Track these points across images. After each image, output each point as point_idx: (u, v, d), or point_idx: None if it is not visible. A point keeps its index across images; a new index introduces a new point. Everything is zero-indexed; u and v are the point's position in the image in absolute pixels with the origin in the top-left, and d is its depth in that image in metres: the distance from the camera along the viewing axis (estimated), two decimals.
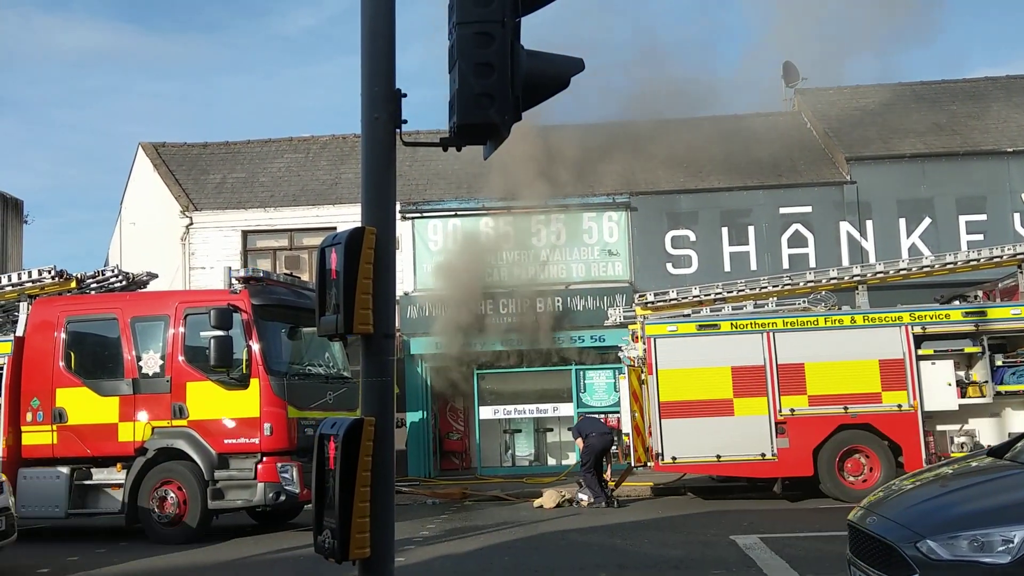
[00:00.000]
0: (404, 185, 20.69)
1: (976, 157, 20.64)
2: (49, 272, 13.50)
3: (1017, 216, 20.10)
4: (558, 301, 19.80)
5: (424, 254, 20.59)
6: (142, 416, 12.27)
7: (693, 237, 20.51)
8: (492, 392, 20.48)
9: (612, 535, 11.36)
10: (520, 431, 20.62)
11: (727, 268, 20.02)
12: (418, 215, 20.62)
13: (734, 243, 20.46)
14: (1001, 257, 15.05)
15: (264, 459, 11.92)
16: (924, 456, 13.57)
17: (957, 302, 15.49)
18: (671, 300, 15.44)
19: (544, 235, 20.36)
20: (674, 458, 13.96)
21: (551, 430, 20.48)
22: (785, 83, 25.39)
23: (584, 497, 14.51)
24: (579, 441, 15.10)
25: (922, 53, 35.36)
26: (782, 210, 20.48)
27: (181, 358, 12.33)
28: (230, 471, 11.98)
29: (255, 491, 11.88)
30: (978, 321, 14.08)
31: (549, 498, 14.52)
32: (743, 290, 15.47)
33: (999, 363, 14.10)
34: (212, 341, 11.67)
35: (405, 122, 4.63)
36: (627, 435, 15.68)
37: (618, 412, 18.71)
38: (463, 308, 19.47)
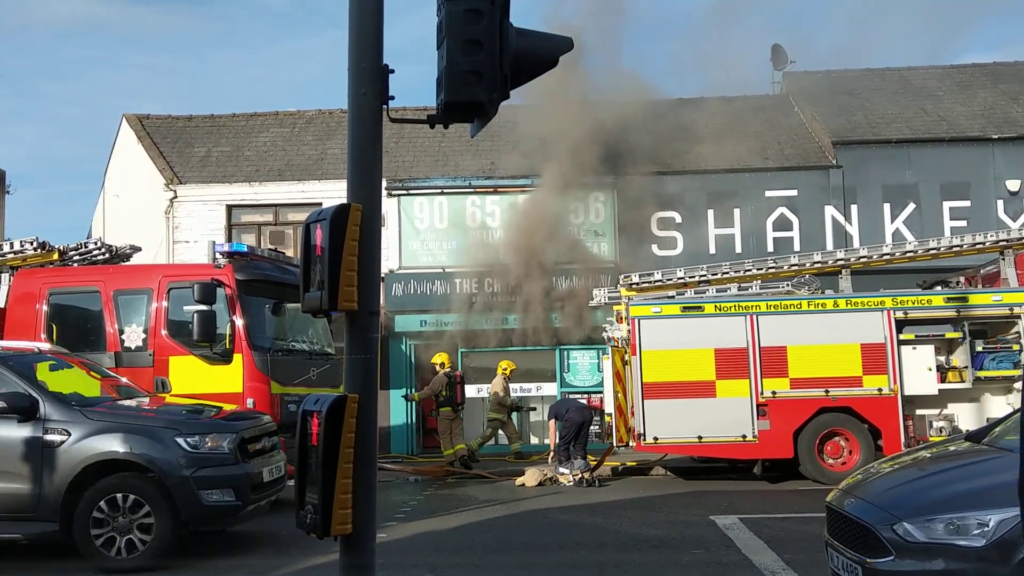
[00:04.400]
0: (390, 162, 20.59)
1: (961, 143, 20.70)
2: (31, 243, 13.41)
3: (1000, 203, 20.21)
4: (543, 281, 19.78)
5: (410, 231, 20.54)
6: None
7: (679, 219, 20.52)
8: (476, 370, 20.50)
9: (593, 514, 11.43)
10: None
11: (712, 250, 20.06)
12: (404, 192, 20.54)
13: (719, 225, 20.49)
14: (984, 244, 15.15)
15: None
16: (903, 440, 13.70)
17: (939, 288, 15.60)
18: (656, 281, 15.49)
19: (531, 215, 20.30)
20: (656, 438, 14.04)
21: (534, 409, 20.53)
22: (774, 66, 25.38)
23: (565, 471, 14.56)
24: (552, 423, 15.32)
25: (910, 38, 35.44)
26: (768, 193, 20.51)
27: (164, 332, 12.28)
28: None
29: None
30: (959, 307, 14.18)
31: (531, 476, 14.58)
32: (727, 272, 15.53)
33: (979, 349, 14.22)
34: (195, 315, 11.63)
35: (392, 98, 4.59)
36: (609, 415, 15.76)
37: (601, 392, 18.79)
38: (453, 284, 19.51)
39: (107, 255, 13.99)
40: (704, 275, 15.49)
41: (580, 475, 14.38)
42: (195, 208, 21.03)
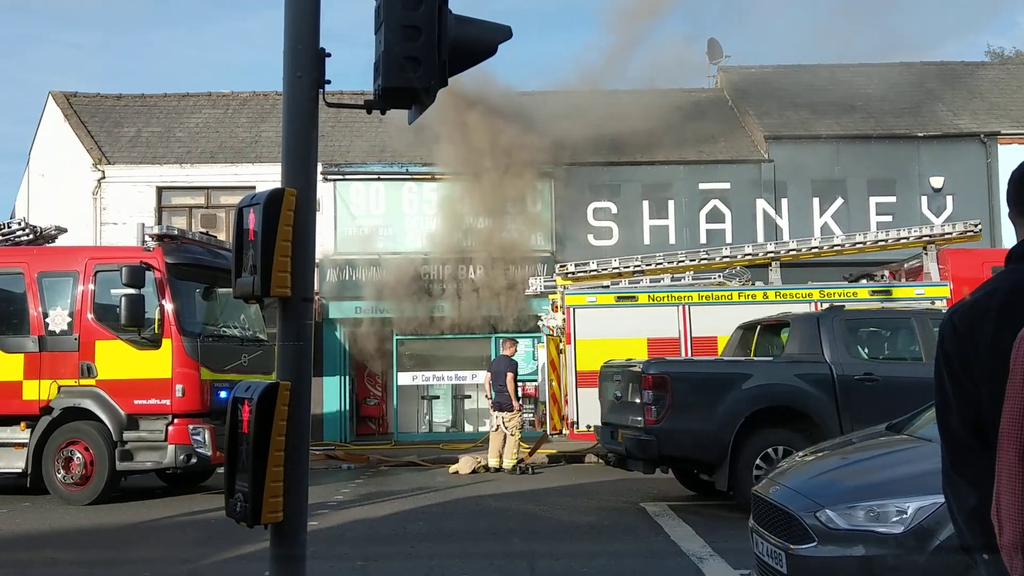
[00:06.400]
0: (326, 146, 20.36)
1: (888, 141, 21.24)
2: None
3: (924, 199, 20.78)
4: (479, 269, 19.80)
5: (345, 217, 20.35)
6: (48, 374, 11.92)
7: (614, 209, 20.69)
8: (411, 358, 20.45)
9: (526, 501, 11.51)
10: (438, 397, 20.65)
11: (647, 241, 20.28)
12: (340, 177, 20.35)
13: (654, 217, 20.72)
14: (908, 239, 15.59)
15: (175, 421, 11.72)
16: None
17: (864, 281, 16.01)
18: (591, 271, 15.61)
19: (468, 202, 20.27)
20: (589, 426, 14.15)
21: (469, 397, 20.56)
22: (709, 60, 25.70)
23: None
24: (510, 376, 14.70)
25: (844, 37, 36.07)
26: (701, 186, 20.79)
27: (90, 316, 12.00)
28: (140, 432, 11.75)
29: (165, 453, 11.69)
30: (884, 300, 14.57)
31: (465, 464, 14.60)
32: (661, 263, 15.74)
33: None
34: (123, 299, 11.39)
35: (329, 82, 4.54)
36: (544, 403, 15.85)
37: (536, 380, 18.89)
38: (389, 272, 19.39)
39: (31, 236, 13.58)
40: (638, 265, 15.66)
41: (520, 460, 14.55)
42: (124, 189, 20.53)
